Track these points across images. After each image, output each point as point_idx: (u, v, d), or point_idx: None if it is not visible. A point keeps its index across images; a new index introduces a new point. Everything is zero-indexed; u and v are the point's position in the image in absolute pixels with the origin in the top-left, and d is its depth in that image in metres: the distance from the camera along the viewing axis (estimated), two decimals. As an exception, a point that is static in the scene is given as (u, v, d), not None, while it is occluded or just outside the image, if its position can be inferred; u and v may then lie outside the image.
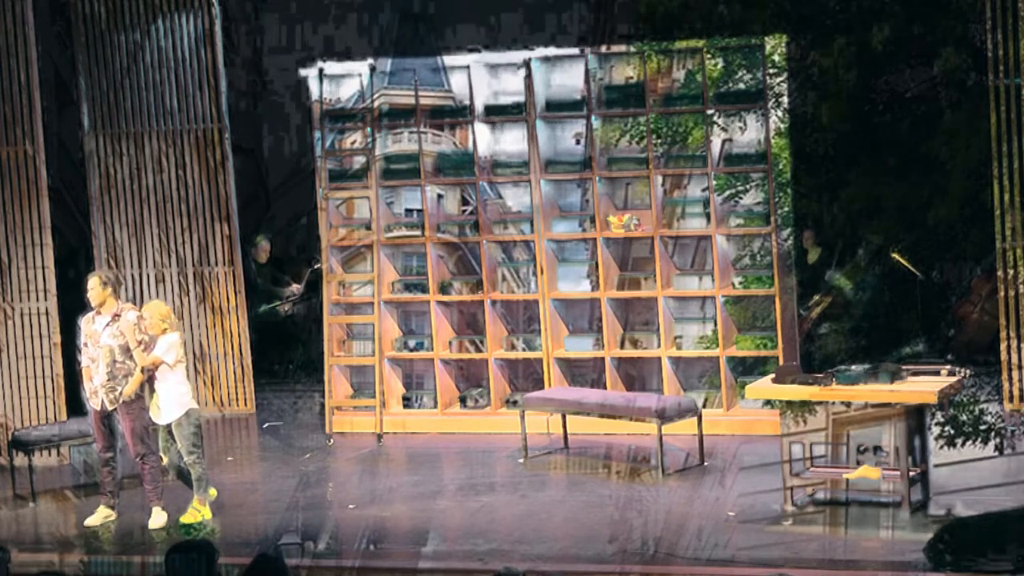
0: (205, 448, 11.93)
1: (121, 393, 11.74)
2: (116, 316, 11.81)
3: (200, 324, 15.08)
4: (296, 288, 16.60)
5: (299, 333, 16.56)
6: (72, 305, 13.34)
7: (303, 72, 14.67)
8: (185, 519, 11.65)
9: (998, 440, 12.27)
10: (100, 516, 11.92)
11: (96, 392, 11.84)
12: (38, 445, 12.88)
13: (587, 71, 13.83)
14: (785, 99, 13.38)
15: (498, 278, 14.35)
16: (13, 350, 13.85)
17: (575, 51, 14.06)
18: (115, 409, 11.78)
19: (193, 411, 11.71)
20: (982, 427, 12.34)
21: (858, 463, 10.93)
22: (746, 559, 10.27)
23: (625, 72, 13.86)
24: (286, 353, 16.51)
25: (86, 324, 11.95)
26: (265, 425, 14.90)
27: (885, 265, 15.02)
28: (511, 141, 14.21)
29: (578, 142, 14.06)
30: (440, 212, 14.48)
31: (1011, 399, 13.33)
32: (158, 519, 11.75)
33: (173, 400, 11.66)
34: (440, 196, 14.48)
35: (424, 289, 14.46)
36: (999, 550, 9.63)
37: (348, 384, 14.75)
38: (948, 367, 11.30)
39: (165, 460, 11.86)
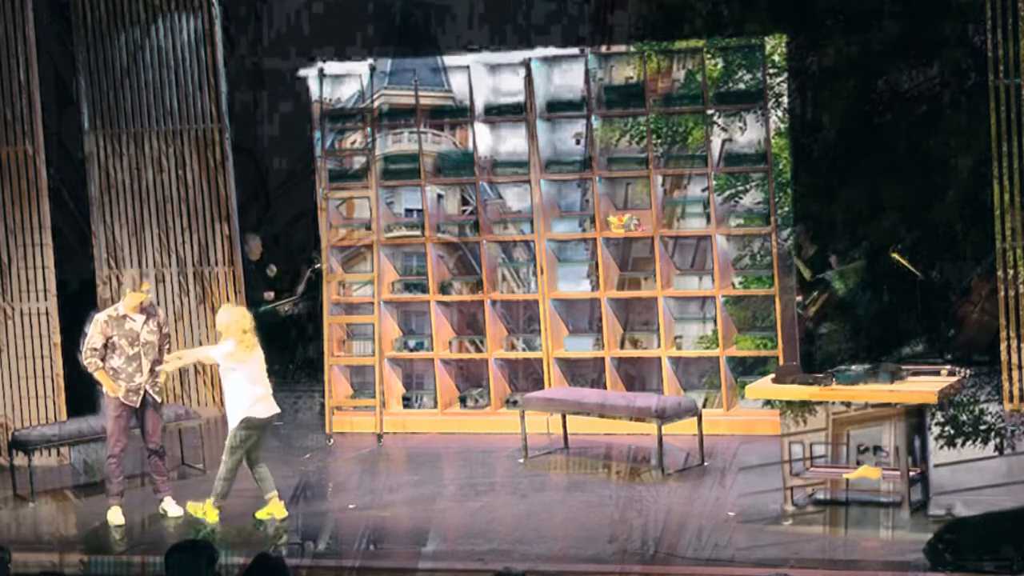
0: (236, 458, 11.73)
1: (160, 387, 11.90)
2: (151, 314, 11.84)
3: (200, 324, 15.05)
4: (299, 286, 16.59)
5: (299, 333, 16.54)
6: (72, 305, 13.32)
7: (303, 72, 14.67)
8: (191, 507, 11.78)
9: (998, 440, 12.28)
10: (119, 514, 11.93)
11: (138, 390, 11.80)
12: (38, 445, 12.87)
13: (587, 71, 13.82)
14: (785, 99, 13.38)
15: (498, 278, 14.35)
16: (13, 350, 13.83)
17: (575, 51, 14.05)
18: (146, 404, 11.82)
19: (250, 420, 11.58)
20: (982, 427, 12.34)
21: (858, 463, 10.93)
22: (746, 559, 10.28)
23: (625, 72, 13.86)
24: (286, 353, 16.49)
25: (115, 325, 11.81)
26: (265, 425, 14.88)
27: (883, 264, 15.01)
28: (511, 141, 14.21)
29: (578, 142, 14.05)
30: (440, 212, 14.48)
31: (1011, 399, 13.31)
32: (173, 508, 11.92)
33: (228, 406, 11.69)
34: (440, 196, 14.47)
35: (424, 289, 14.46)
36: (999, 550, 9.63)
37: (348, 384, 14.74)
38: (948, 367, 11.31)
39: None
